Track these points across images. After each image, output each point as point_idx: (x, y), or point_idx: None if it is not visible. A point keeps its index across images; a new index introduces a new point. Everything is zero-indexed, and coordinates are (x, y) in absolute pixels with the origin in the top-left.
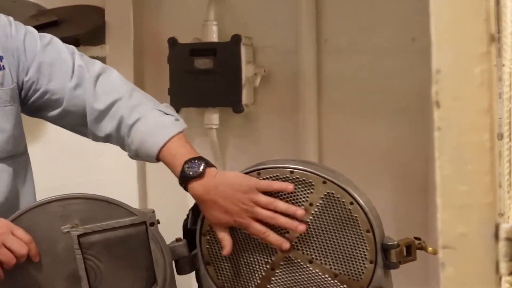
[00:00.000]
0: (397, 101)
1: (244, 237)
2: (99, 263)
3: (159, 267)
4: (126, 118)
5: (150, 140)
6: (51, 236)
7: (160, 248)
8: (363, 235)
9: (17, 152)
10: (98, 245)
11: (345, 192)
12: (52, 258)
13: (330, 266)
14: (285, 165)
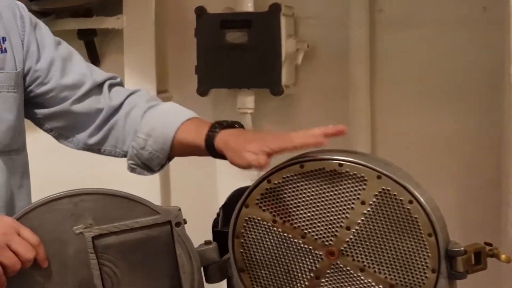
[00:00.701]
0: (464, 82)
1: (284, 240)
2: (115, 269)
3: (185, 274)
4: (141, 103)
5: (170, 118)
6: (61, 237)
7: (187, 252)
8: (424, 239)
9: (15, 147)
10: (114, 249)
11: (403, 189)
12: (61, 263)
13: (385, 276)
14: (332, 156)
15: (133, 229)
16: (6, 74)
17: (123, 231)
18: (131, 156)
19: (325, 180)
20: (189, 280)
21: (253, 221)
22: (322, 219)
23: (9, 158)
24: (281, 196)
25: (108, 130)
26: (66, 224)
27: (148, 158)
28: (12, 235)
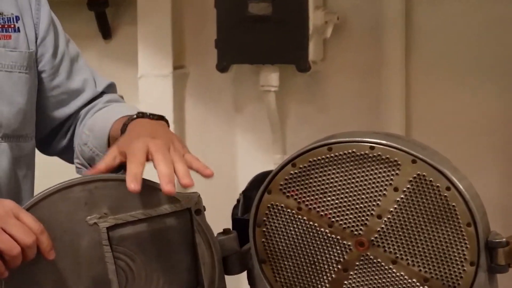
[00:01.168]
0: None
1: (310, 229)
2: (131, 263)
3: (205, 266)
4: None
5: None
6: (74, 229)
7: (208, 241)
8: (462, 229)
9: (24, 133)
10: (130, 240)
11: (440, 175)
12: (74, 258)
13: (419, 268)
14: (363, 138)
15: (151, 218)
16: (20, 54)
17: (140, 220)
18: (76, 154)
19: (354, 164)
20: (209, 272)
21: (276, 208)
22: (351, 207)
23: (17, 145)
24: (307, 181)
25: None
26: (79, 214)
27: (89, 157)
28: (8, 217)
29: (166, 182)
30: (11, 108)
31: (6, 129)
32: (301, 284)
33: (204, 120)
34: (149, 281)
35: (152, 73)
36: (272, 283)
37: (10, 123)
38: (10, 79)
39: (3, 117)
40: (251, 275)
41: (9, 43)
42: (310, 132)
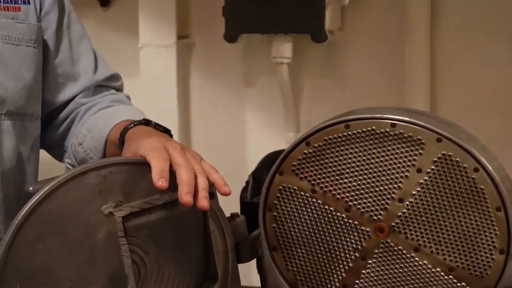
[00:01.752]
0: None
1: (325, 214)
2: (144, 255)
3: (219, 255)
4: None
5: (114, 115)
6: (89, 220)
7: (221, 228)
8: (491, 214)
9: (29, 111)
10: (145, 230)
11: (468, 155)
12: (90, 252)
13: (444, 257)
14: (384, 115)
15: (165, 205)
16: (28, 26)
17: (154, 208)
18: (69, 153)
19: (374, 143)
20: (222, 261)
21: (288, 190)
22: (370, 190)
23: (21, 124)
24: (322, 161)
25: (68, 123)
26: (94, 203)
27: (82, 159)
28: None
29: (186, 192)
30: (16, 83)
31: (11, 106)
32: (315, 274)
33: (211, 95)
34: (160, 276)
35: (154, 44)
36: (283, 272)
37: (15, 99)
38: (16, 53)
39: (7, 92)
40: (260, 263)
41: (19, 15)
42: (326, 108)
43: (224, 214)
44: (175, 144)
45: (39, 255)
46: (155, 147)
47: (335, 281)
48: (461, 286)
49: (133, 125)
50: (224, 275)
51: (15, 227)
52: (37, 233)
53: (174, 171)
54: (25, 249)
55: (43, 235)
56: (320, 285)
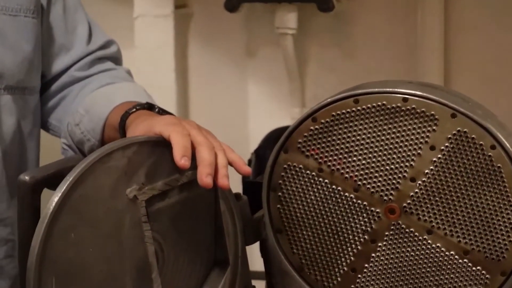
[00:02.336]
0: None
1: (333, 194)
2: (162, 241)
3: (230, 238)
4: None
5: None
6: (116, 206)
7: (231, 209)
8: (508, 194)
9: (30, 85)
10: (165, 215)
11: (484, 131)
12: (117, 242)
13: (459, 239)
14: (395, 89)
15: (182, 186)
16: None
17: (172, 190)
18: (65, 133)
19: (385, 119)
20: (233, 244)
21: (293, 169)
22: (380, 168)
23: (21, 98)
24: (330, 138)
25: (59, 99)
26: (121, 187)
27: (79, 140)
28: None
29: (207, 173)
30: (15, 57)
31: (10, 80)
32: (322, 257)
33: (211, 68)
34: (176, 263)
35: (150, 13)
36: (288, 256)
37: (14, 73)
38: (15, 24)
39: (5, 66)
40: (264, 247)
41: None
42: (334, 81)
43: (233, 195)
44: (191, 122)
45: (71, 246)
46: (173, 123)
47: (343, 265)
48: (476, 270)
49: (135, 109)
50: (234, 259)
51: (50, 215)
52: (70, 222)
53: (193, 149)
54: (59, 240)
55: (75, 224)
56: (328, 269)
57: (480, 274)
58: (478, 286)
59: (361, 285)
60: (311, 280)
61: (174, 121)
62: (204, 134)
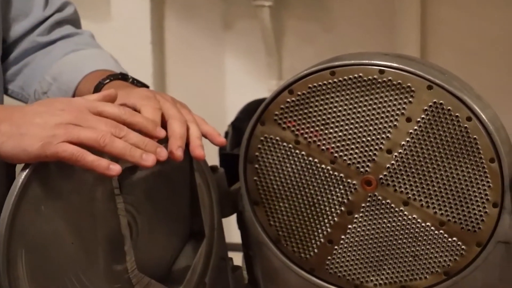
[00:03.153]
0: None
1: (309, 166)
2: (137, 215)
3: (205, 210)
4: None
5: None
6: (87, 178)
7: (206, 181)
8: (484, 166)
9: None
10: (139, 187)
11: (461, 103)
12: (89, 214)
13: (435, 211)
14: (371, 61)
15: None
16: None
17: None
18: (31, 101)
19: (362, 91)
20: (209, 216)
21: (270, 141)
22: (357, 140)
23: None
24: (306, 110)
25: (22, 66)
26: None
27: None
28: (85, 115)
29: (178, 146)
30: None
31: None
32: (299, 229)
33: (187, 40)
34: (150, 235)
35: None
36: (265, 227)
37: None
38: None
39: None
40: (241, 219)
41: None
42: (311, 53)
43: (209, 167)
44: (166, 96)
45: (42, 219)
46: (147, 96)
47: (320, 237)
48: (452, 241)
49: (109, 79)
50: (210, 231)
51: (19, 187)
52: (40, 194)
53: (165, 122)
54: (29, 212)
55: (45, 197)
56: (304, 241)
57: (456, 245)
58: (454, 257)
59: (338, 257)
60: (288, 251)
61: (147, 95)
62: (177, 108)
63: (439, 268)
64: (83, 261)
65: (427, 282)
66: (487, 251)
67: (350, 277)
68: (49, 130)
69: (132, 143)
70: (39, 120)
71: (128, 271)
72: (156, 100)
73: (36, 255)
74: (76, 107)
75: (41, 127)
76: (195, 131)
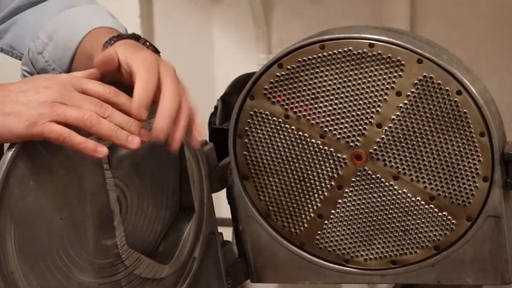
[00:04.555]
0: None
1: (299, 140)
2: (126, 189)
3: (195, 185)
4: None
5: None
6: (75, 153)
7: (196, 155)
8: (474, 139)
9: None
10: (128, 161)
11: (450, 76)
12: (78, 189)
13: (425, 185)
14: (361, 34)
15: None
16: None
17: None
18: (25, 60)
19: (351, 65)
20: (198, 191)
21: (260, 116)
22: (346, 114)
23: None
24: (296, 84)
25: (10, 23)
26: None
27: (43, 68)
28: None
29: (162, 126)
30: None
31: None
32: (289, 204)
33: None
34: (140, 210)
35: None
36: (255, 202)
37: None
38: None
39: None
40: (231, 193)
41: None
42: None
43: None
44: (170, 67)
45: (30, 194)
46: (149, 62)
47: (309, 211)
48: (442, 216)
49: (118, 38)
50: (200, 206)
51: (8, 162)
52: (28, 170)
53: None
54: (17, 187)
55: (33, 172)
56: (294, 216)
57: (446, 220)
58: (444, 231)
59: (328, 231)
60: (277, 226)
61: (150, 61)
62: (175, 83)
63: (429, 243)
64: (72, 236)
65: (417, 256)
66: (477, 225)
67: (340, 251)
68: (34, 109)
69: (116, 123)
70: (23, 99)
71: (118, 247)
72: (156, 72)
73: (25, 230)
74: (60, 84)
75: (25, 105)
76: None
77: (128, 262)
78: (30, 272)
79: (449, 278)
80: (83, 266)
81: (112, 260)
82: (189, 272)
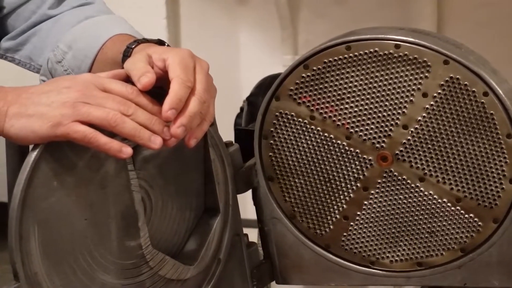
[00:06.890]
0: None
1: (325, 141)
2: (150, 190)
3: (220, 186)
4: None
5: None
6: (100, 154)
7: (221, 157)
8: (501, 141)
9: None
10: (152, 162)
11: (477, 78)
12: (101, 189)
13: (451, 187)
14: (387, 35)
15: None
16: None
17: None
18: (44, 70)
19: (377, 66)
20: (223, 192)
21: (285, 117)
22: (372, 116)
23: None
24: (322, 85)
25: (29, 35)
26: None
27: None
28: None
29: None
30: None
31: None
32: (314, 205)
33: (202, 14)
34: (164, 211)
35: None
36: (280, 204)
37: None
38: None
39: None
40: (256, 195)
41: None
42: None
43: (224, 143)
44: (204, 65)
45: (54, 194)
46: (186, 64)
47: (335, 213)
48: (469, 218)
49: (137, 43)
50: (225, 207)
51: (32, 163)
52: (52, 170)
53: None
54: (41, 188)
55: (57, 172)
56: (320, 217)
57: (473, 221)
58: (471, 233)
59: (353, 233)
60: (303, 227)
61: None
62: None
63: (455, 245)
64: (96, 237)
65: (443, 258)
66: (503, 227)
67: (365, 253)
68: (57, 110)
69: (139, 121)
70: (45, 100)
71: (142, 247)
72: (192, 71)
73: (49, 231)
74: (82, 84)
75: (48, 106)
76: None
77: (152, 263)
78: (54, 272)
79: (475, 280)
80: (106, 266)
81: (136, 261)
82: (214, 274)
